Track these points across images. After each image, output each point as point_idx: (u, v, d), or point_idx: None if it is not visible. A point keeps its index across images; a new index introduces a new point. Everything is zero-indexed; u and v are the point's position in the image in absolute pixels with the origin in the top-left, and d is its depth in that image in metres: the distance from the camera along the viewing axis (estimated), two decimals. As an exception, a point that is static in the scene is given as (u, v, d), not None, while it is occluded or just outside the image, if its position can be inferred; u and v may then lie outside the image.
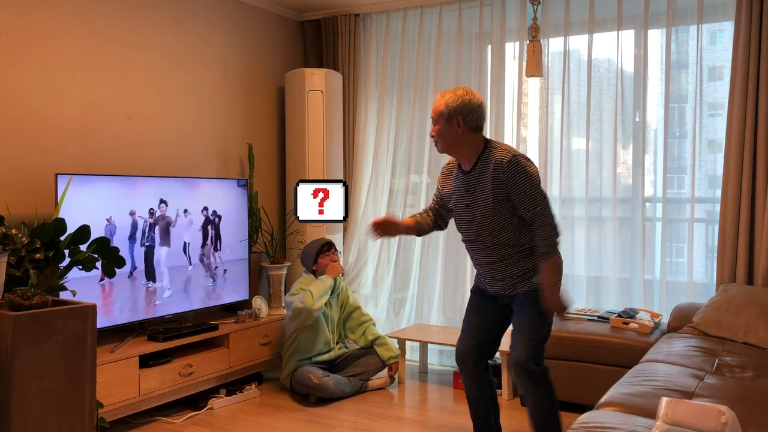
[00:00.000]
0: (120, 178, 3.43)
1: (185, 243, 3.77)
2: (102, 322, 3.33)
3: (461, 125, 2.62)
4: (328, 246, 4.09)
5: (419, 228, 2.88)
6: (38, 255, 2.53)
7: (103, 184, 3.35)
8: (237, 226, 4.10)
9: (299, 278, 4.09)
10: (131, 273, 3.48)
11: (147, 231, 3.56)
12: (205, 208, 3.88)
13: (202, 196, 3.86)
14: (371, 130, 4.82)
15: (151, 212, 3.58)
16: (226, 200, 4.02)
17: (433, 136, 2.68)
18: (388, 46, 4.73)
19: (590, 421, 2.02)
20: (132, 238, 3.49)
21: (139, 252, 3.52)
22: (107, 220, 3.35)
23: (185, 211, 3.76)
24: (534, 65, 4.02)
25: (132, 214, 3.48)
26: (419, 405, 3.78)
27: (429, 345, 4.52)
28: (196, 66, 4.21)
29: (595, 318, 3.77)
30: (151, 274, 3.58)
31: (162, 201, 3.63)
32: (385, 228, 2.78)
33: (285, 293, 4.50)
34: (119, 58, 3.75)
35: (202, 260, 3.87)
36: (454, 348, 4.61)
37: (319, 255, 4.06)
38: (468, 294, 4.47)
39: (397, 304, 4.83)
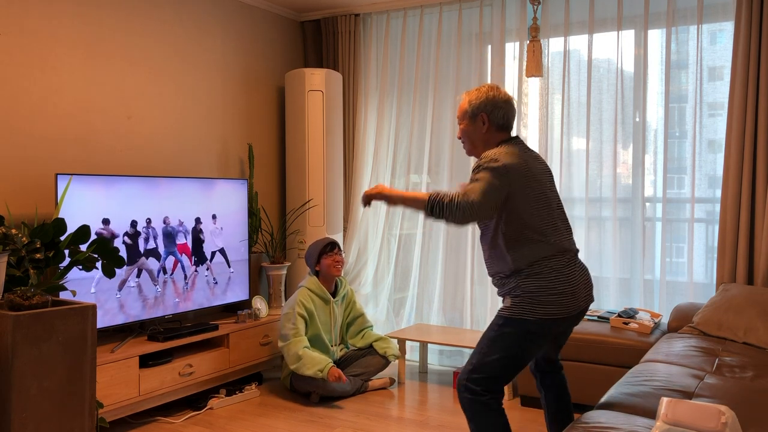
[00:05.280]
0: (120, 178, 3.43)
1: (185, 242, 3.77)
2: (102, 322, 3.34)
3: (486, 122, 2.48)
4: (331, 246, 4.08)
5: None
6: (38, 255, 2.53)
7: (104, 184, 3.35)
8: (237, 226, 4.10)
9: (303, 280, 4.06)
10: (138, 273, 3.49)
11: (148, 230, 3.56)
12: (205, 208, 3.88)
13: (203, 196, 3.86)
14: (371, 130, 4.82)
15: (149, 214, 3.58)
16: (226, 200, 4.01)
17: (460, 138, 2.56)
18: (388, 46, 4.73)
19: (590, 421, 2.02)
20: (132, 237, 3.49)
21: (140, 251, 3.52)
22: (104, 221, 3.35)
23: (185, 210, 3.76)
24: (534, 65, 4.02)
25: (132, 214, 3.48)
26: (419, 405, 3.78)
27: (429, 345, 4.52)
28: (197, 66, 4.21)
29: (595, 318, 3.77)
30: (152, 274, 3.58)
31: (162, 201, 3.63)
32: None
33: (285, 293, 4.50)
34: (119, 59, 3.75)
35: (202, 259, 3.87)
36: (453, 348, 4.64)
37: (322, 255, 4.05)
38: (468, 294, 4.48)
39: (397, 304, 4.83)
